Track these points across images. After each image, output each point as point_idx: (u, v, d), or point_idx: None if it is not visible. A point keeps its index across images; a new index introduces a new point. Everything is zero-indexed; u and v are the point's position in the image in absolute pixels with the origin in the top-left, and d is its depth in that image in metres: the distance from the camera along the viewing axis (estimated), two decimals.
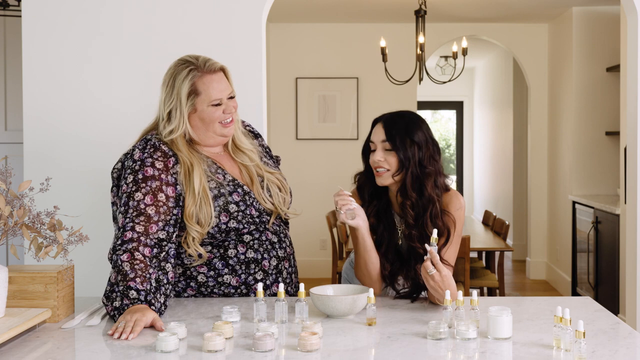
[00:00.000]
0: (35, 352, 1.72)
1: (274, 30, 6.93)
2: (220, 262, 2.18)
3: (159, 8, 3.10)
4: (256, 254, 2.20)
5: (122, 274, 1.97)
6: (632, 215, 3.52)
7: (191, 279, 2.19)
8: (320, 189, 6.92)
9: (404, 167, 2.19)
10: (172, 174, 2.11)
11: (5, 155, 2.13)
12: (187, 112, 2.16)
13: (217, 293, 2.20)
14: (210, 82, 2.15)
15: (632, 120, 3.48)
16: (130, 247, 2.00)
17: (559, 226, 6.73)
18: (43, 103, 3.09)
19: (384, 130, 2.21)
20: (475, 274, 5.05)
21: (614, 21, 6.09)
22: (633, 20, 3.40)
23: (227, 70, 2.22)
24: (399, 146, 2.19)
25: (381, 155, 2.21)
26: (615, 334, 1.85)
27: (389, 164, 2.20)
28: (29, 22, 3.08)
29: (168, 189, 2.09)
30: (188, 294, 2.20)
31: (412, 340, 1.79)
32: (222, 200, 2.14)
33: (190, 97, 2.15)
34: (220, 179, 2.17)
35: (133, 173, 2.09)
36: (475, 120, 11.23)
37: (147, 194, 2.06)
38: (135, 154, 2.13)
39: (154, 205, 2.05)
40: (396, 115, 2.25)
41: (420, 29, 5.30)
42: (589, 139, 6.26)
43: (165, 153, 2.13)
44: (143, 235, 2.02)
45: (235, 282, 2.19)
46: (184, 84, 2.14)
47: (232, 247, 2.18)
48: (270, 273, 2.23)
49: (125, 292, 1.94)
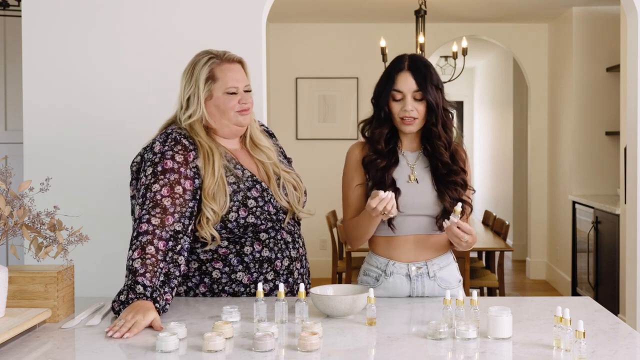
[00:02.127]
0: (35, 352, 1.72)
1: (274, 30, 6.93)
2: (236, 259, 2.19)
3: (158, 8, 3.10)
4: (271, 253, 2.22)
5: (132, 271, 1.98)
6: (632, 215, 3.52)
7: (205, 275, 2.20)
8: (321, 189, 6.92)
9: (433, 113, 2.24)
10: (192, 168, 2.13)
11: (5, 155, 2.13)
12: (204, 97, 2.21)
13: (227, 291, 2.21)
14: (227, 70, 2.22)
15: (632, 120, 3.48)
16: (145, 240, 2.02)
17: (559, 226, 6.73)
18: (43, 103, 3.10)
19: (414, 80, 2.22)
20: (475, 274, 5.05)
21: (614, 21, 6.09)
22: (633, 20, 3.40)
23: (245, 64, 2.30)
24: (429, 94, 2.22)
25: (412, 105, 2.22)
26: (615, 334, 1.85)
27: (418, 112, 2.23)
28: (29, 22, 3.08)
29: (186, 182, 2.11)
30: (200, 290, 2.21)
31: (412, 340, 1.79)
32: (240, 195, 2.16)
33: (208, 82, 2.21)
34: (239, 174, 2.20)
35: (152, 165, 2.12)
36: (475, 120, 11.24)
37: (165, 185, 2.08)
38: (156, 147, 2.15)
39: (170, 197, 2.08)
40: (416, 60, 2.26)
41: (420, 29, 5.30)
42: (589, 139, 6.26)
43: (185, 147, 2.15)
44: (158, 228, 2.04)
45: (246, 280, 2.20)
46: (202, 70, 2.21)
47: (248, 245, 2.20)
48: (281, 273, 2.24)
49: (132, 287, 1.95)
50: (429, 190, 2.26)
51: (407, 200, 2.24)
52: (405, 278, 2.27)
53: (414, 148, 2.33)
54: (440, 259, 2.31)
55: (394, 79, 2.24)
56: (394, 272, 2.27)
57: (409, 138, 2.32)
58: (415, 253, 2.28)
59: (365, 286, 2.13)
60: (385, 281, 2.28)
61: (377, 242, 2.32)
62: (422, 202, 2.25)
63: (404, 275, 2.27)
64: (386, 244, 2.30)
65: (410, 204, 2.24)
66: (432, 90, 2.23)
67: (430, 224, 2.27)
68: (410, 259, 2.28)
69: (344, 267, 5.30)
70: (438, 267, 2.29)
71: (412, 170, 2.28)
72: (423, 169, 2.29)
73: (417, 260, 2.28)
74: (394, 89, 2.24)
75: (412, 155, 2.31)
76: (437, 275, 2.29)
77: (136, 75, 3.10)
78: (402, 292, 2.28)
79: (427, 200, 2.25)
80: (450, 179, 2.26)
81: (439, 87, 2.26)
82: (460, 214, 2.16)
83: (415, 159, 2.31)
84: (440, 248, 2.32)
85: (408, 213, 2.25)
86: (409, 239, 2.28)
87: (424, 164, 2.30)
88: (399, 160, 2.28)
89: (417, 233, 2.27)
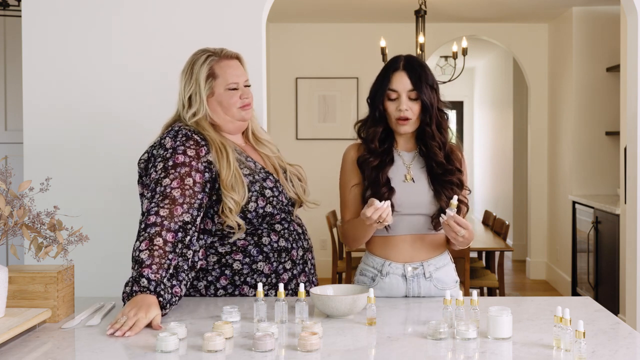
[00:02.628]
0: (35, 352, 1.72)
1: (274, 30, 6.92)
2: (255, 249, 2.21)
3: (158, 8, 3.10)
4: (287, 243, 2.25)
5: (139, 262, 1.98)
6: (632, 215, 3.52)
7: (226, 267, 2.21)
8: (320, 189, 6.87)
9: (427, 113, 2.25)
10: (203, 162, 2.15)
11: (5, 155, 2.13)
12: (206, 95, 2.23)
13: (249, 283, 2.22)
14: (227, 66, 2.25)
15: (632, 120, 3.48)
16: (153, 231, 2.02)
17: (559, 226, 6.73)
18: (43, 103, 3.10)
19: (409, 80, 2.24)
20: (475, 274, 5.05)
21: (614, 21, 6.09)
22: (633, 20, 3.40)
23: (242, 59, 2.33)
24: (424, 94, 2.23)
25: (407, 105, 2.23)
26: (615, 334, 1.85)
27: (413, 112, 2.24)
28: (29, 22, 3.08)
29: (197, 175, 2.12)
30: (220, 284, 2.22)
31: (412, 340, 1.79)
32: (257, 185, 2.19)
33: (208, 80, 2.23)
34: (252, 166, 2.24)
35: (164, 160, 2.13)
36: (475, 120, 11.23)
37: (175, 179, 2.10)
38: (167, 143, 2.16)
39: (180, 189, 2.08)
40: (411, 60, 2.28)
41: (420, 29, 5.30)
42: (589, 139, 6.26)
43: (197, 142, 2.17)
44: (167, 219, 2.04)
45: (267, 269, 2.22)
46: (202, 68, 2.23)
47: (265, 235, 2.22)
48: (297, 263, 2.28)
49: (137, 279, 1.96)
50: (425, 190, 2.27)
51: (403, 199, 2.24)
52: (401, 278, 2.27)
53: (410, 148, 2.33)
54: (437, 260, 2.31)
55: (390, 78, 2.26)
56: (389, 272, 2.28)
57: (404, 138, 2.33)
58: (411, 253, 2.29)
59: (364, 286, 2.12)
60: (381, 281, 2.28)
61: (374, 242, 2.32)
62: (418, 201, 2.26)
63: (400, 276, 2.27)
64: (382, 244, 2.30)
65: (406, 203, 2.24)
66: (427, 90, 2.24)
67: (426, 224, 2.27)
68: (407, 259, 2.28)
69: (344, 267, 5.30)
70: (434, 267, 2.29)
71: (409, 170, 2.29)
72: (419, 169, 2.30)
73: (413, 260, 2.28)
74: (389, 88, 2.25)
75: (409, 155, 2.32)
76: (434, 276, 2.29)
77: (136, 75, 3.10)
78: (398, 293, 2.28)
79: (423, 200, 2.26)
80: (446, 178, 2.26)
81: (434, 87, 2.27)
82: (456, 208, 2.16)
83: (411, 158, 2.31)
84: (437, 248, 2.32)
85: (404, 212, 2.25)
86: (405, 239, 2.28)
87: (420, 164, 2.31)
88: (395, 160, 2.29)
89: (413, 232, 2.28)
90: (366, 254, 2.37)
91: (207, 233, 2.19)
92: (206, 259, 2.20)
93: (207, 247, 2.20)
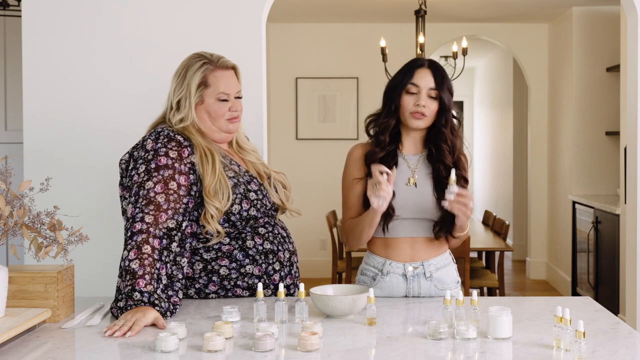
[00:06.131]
0: (35, 352, 1.72)
1: (274, 30, 6.93)
2: (241, 253, 2.20)
3: (158, 8, 3.10)
4: (272, 245, 2.24)
5: (131, 272, 1.96)
6: (632, 215, 3.52)
7: (213, 274, 2.19)
8: (320, 189, 6.92)
9: (444, 115, 2.27)
10: (186, 163, 2.13)
11: (5, 155, 2.13)
12: (195, 102, 2.21)
13: (241, 286, 2.21)
14: (220, 76, 2.23)
15: (632, 120, 3.48)
16: (140, 239, 2.00)
17: (559, 226, 6.73)
18: (43, 103, 3.09)
19: (433, 77, 2.26)
20: (475, 274, 5.05)
21: (614, 21, 6.09)
22: (633, 20, 3.40)
23: (238, 70, 2.30)
24: (444, 94, 2.25)
25: (425, 101, 2.25)
26: (615, 334, 1.85)
27: (430, 110, 2.26)
28: (29, 22, 3.08)
29: (181, 177, 2.10)
30: (210, 290, 2.20)
31: (412, 340, 1.79)
32: (242, 187, 2.18)
33: (200, 88, 2.21)
34: (236, 169, 2.23)
35: (145, 163, 2.11)
36: (475, 120, 11.24)
37: (159, 182, 2.07)
38: (148, 145, 2.14)
39: (164, 194, 2.06)
40: (435, 62, 2.32)
41: (420, 29, 5.30)
42: (589, 139, 6.26)
43: (180, 143, 2.14)
44: (152, 226, 2.02)
45: (257, 271, 2.21)
46: (195, 75, 2.21)
47: (249, 239, 2.21)
48: (285, 264, 2.27)
49: (129, 294, 1.94)
50: (428, 195, 2.27)
51: (403, 203, 2.24)
52: (402, 278, 2.28)
53: (415, 151, 2.33)
54: (438, 260, 2.31)
55: (413, 73, 2.28)
56: (390, 272, 2.28)
57: (411, 139, 2.32)
58: (412, 253, 2.29)
59: (364, 286, 2.13)
60: (381, 280, 2.28)
61: (375, 241, 2.32)
62: (419, 206, 2.26)
63: (400, 275, 2.28)
64: (383, 244, 2.30)
65: (406, 207, 2.25)
66: (447, 93, 2.26)
67: (427, 229, 2.28)
68: (407, 259, 2.29)
69: (344, 267, 5.30)
70: (435, 267, 2.29)
71: (413, 174, 2.29)
72: (425, 174, 2.30)
73: (413, 260, 2.29)
74: (411, 82, 2.27)
75: (413, 159, 2.32)
76: (434, 276, 2.29)
77: (135, 75, 3.10)
78: (398, 292, 2.28)
79: (425, 205, 2.26)
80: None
81: (452, 92, 2.30)
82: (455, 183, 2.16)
83: (416, 162, 2.31)
84: (438, 248, 2.32)
85: (404, 216, 2.26)
86: (406, 241, 2.29)
87: (427, 169, 2.30)
88: (399, 164, 2.29)
89: (414, 236, 2.28)
90: (367, 254, 2.37)
91: (193, 236, 2.16)
92: (192, 267, 2.18)
93: (192, 253, 2.18)
